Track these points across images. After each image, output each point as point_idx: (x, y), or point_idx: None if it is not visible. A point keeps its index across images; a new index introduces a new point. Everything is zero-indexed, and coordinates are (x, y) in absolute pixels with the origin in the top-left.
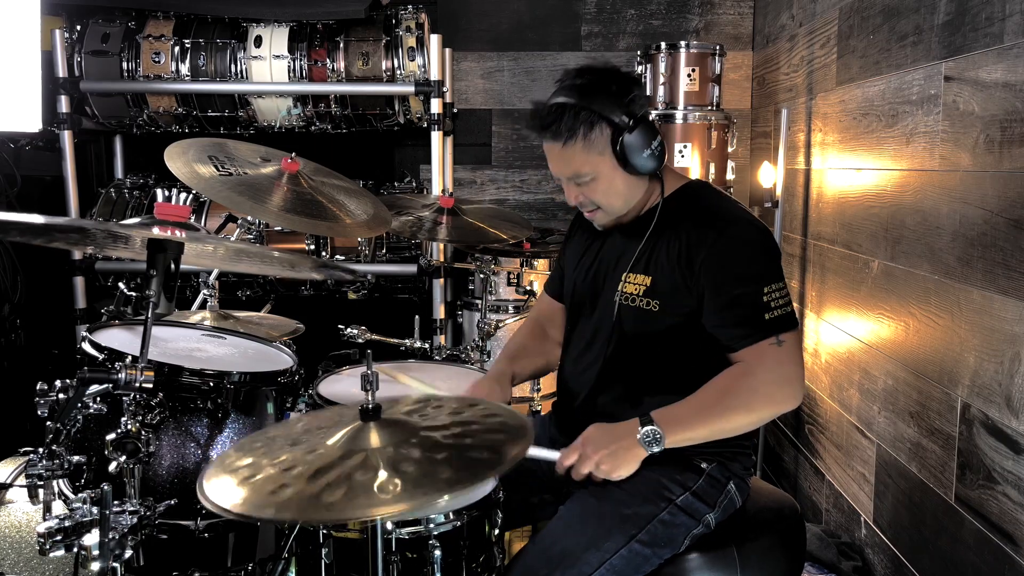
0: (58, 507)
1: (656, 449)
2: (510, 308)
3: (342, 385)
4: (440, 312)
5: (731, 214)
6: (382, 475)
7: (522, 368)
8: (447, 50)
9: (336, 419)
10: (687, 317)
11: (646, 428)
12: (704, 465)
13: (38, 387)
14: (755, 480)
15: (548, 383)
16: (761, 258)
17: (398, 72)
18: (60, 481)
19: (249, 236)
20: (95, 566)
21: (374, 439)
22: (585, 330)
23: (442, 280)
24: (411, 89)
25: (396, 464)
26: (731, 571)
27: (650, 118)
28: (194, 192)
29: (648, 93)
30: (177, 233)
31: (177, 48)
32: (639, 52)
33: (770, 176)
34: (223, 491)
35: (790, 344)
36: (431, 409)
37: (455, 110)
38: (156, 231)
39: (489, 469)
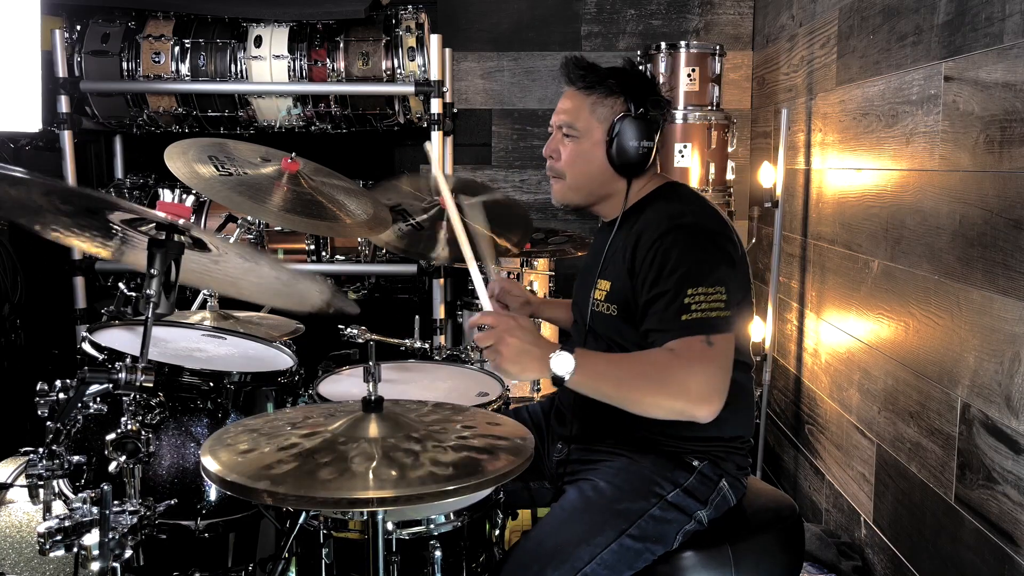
0: (58, 507)
1: (558, 374)
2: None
3: (342, 385)
4: (440, 312)
5: (679, 215)
6: (379, 463)
7: (547, 309)
8: (447, 50)
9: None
10: (638, 320)
11: (562, 355)
12: (695, 463)
13: (38, 387)
14: (753, 480)
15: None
16: (692, 260)
17: (398, 72)
18: (60, 481)
19: (249, 236)
20: (95, 566)
21: (373, 429)
22: (576, 334)
23: (442, 280)
24: (411, 89)
25: (395, 455)
26: (725, 569)
27: (657, 124)
28: (194, 192)
29: None
30: (182, 237)
31: (177, 48)
32: (639, 52)
33: (770, 176)
34: (220, 462)
35: (719, 348)
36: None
37: (455, 110)
38: (157, 214)
39: (487, 473)
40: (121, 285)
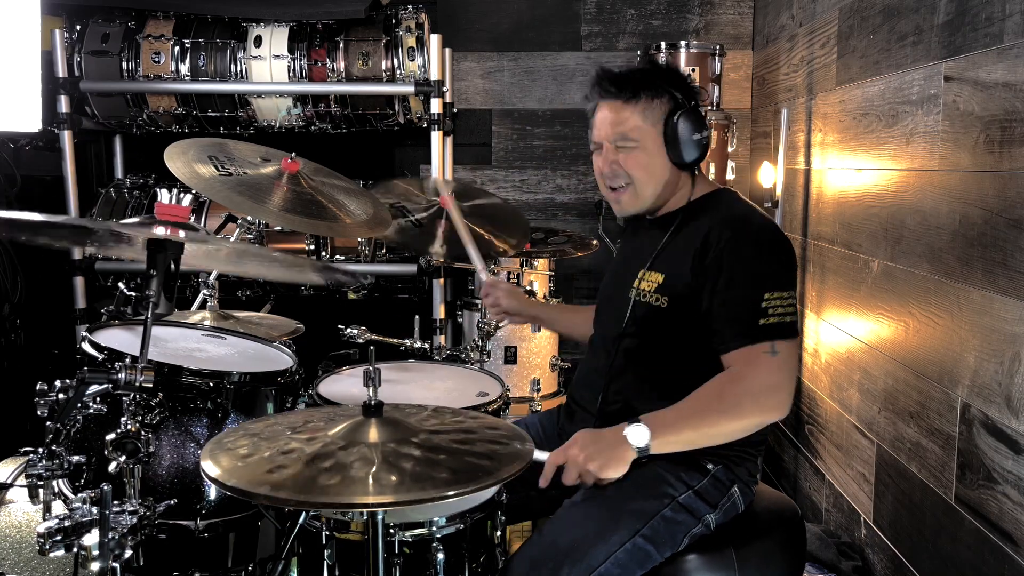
0: (58, 507)
1: (642, 448)
2: None
3: (342, 385)
4: (440, 312)
5: (751, 218)
6: (378, 468)
7: (546, 311)
8: (447, 50)
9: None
10: (693, 316)
11: (633, 427)
12: (710, 466)
13: (38, 387)
14: None
15: (548, 383)
16: (768, 263)
17: (398, 72)
18: (60, 481)
19: (249, 236)
20: (95, 566)
21: (373, 434)
22: (605, 325)
23: (442, 280)
24: (411, 89)
25: (395, 460)
26: (729, 573)
27: (702, 113)
28: (194, 192)
29: None
30: (180, 233)
31: (177, 48)
32: (639, 52)
33: (770, 176)
34: (221, 467)
35: (785, 355)
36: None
37: (455, 110)
38: (157, 230)
39: (487, 476)
40: (121, 285)
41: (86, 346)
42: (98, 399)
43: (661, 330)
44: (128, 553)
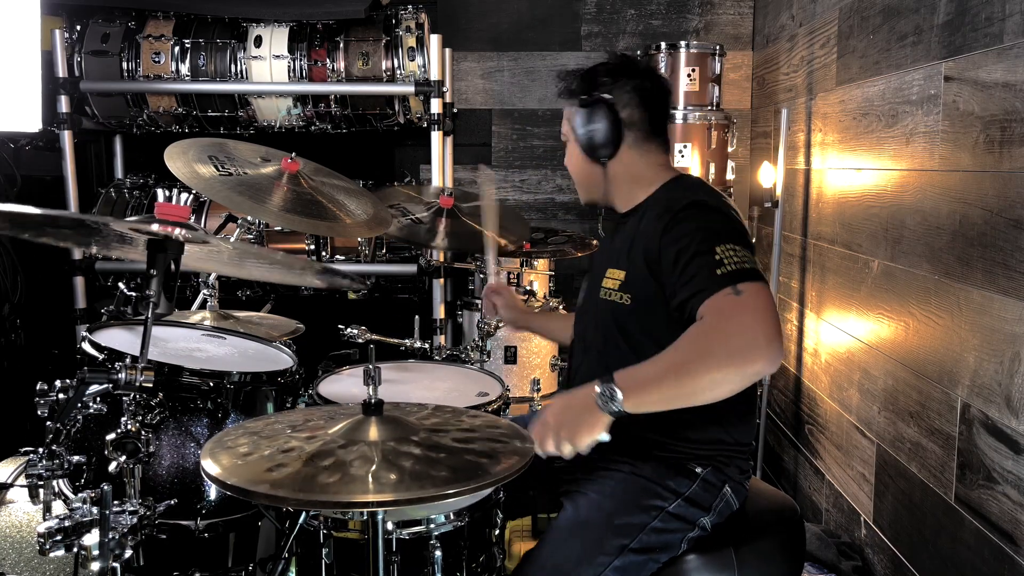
0: (58, 507)
1: (614, 408)
2: None
3: (342, 385)
4: (440, 312)
5: (686, 200)
6: (378, 467)
7: (539, 320)
8: (447, 50)
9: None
10: (657, 311)
11: (603, 386)
12: (699, 469)
13: (38, 387)
14: (754, 481)
15: (548, 383)
16: (711, 228)
17: (398, 72)
18: (60, 481)
19: (249, 236)
20: (95, 566)
21: (373, 433)
22: (579, 326)
23: (442, 280)
24: (411, 89)
25: (394, 458)
26: (729, 572)
27: (604, 104)
28: (194, 192)
29: None
30: (178, 231)
31: (177, 48)
32: (639, 52)
33: (770, 176)
34: (221, 466)
35: (751, 294)
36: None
37: (455, 110)
38: (156, 227)
39: (486, 475)
40: (121, 285)
41: (86, 346)
42: (98, 399)
43: (627, 327)
44: (128, 553)
